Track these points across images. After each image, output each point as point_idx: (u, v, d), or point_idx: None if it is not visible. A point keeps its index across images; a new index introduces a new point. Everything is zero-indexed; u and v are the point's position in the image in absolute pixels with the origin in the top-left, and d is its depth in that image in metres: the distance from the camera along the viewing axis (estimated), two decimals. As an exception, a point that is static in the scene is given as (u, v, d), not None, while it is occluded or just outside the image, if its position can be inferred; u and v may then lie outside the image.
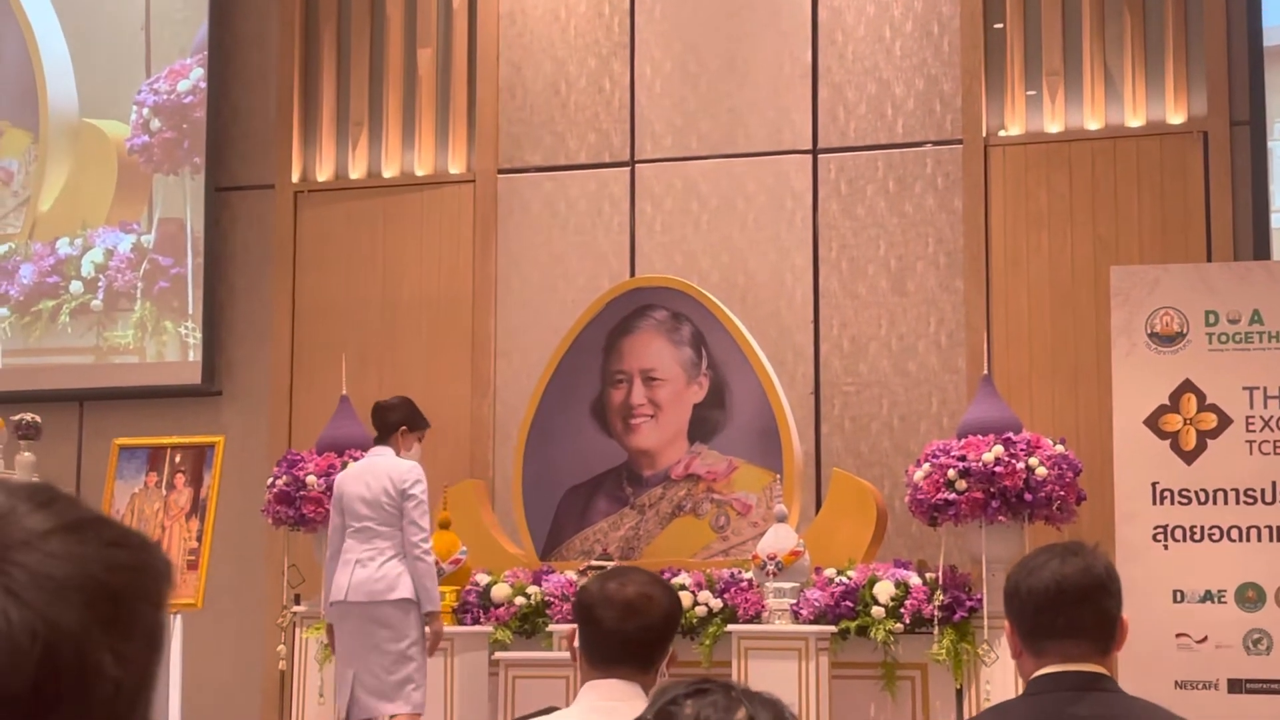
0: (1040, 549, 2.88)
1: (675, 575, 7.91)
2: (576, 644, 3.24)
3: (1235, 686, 7.34)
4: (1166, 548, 7.49)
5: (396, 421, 7.30)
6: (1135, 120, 8.81)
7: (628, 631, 3.13)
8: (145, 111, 10.21)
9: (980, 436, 7.59)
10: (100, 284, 10.18)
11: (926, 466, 7.60)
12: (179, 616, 7.73)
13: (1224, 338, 7.61)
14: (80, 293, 10.22)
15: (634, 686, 3.12)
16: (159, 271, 10.09)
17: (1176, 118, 8.74)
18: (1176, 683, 7.33)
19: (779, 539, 7.54)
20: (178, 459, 8.07)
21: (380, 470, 7.17)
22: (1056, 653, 2.75)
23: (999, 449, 7.47)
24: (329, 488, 8.23)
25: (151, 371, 10.07)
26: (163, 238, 10.12)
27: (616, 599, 3.15)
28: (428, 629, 7.13)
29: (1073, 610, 2.74)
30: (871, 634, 7.50)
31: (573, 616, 3.35)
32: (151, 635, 1.05)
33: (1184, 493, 7.51)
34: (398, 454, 7.26)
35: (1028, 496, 7.42)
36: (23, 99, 10.48)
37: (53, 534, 1.02)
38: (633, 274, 9.19)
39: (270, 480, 8.46)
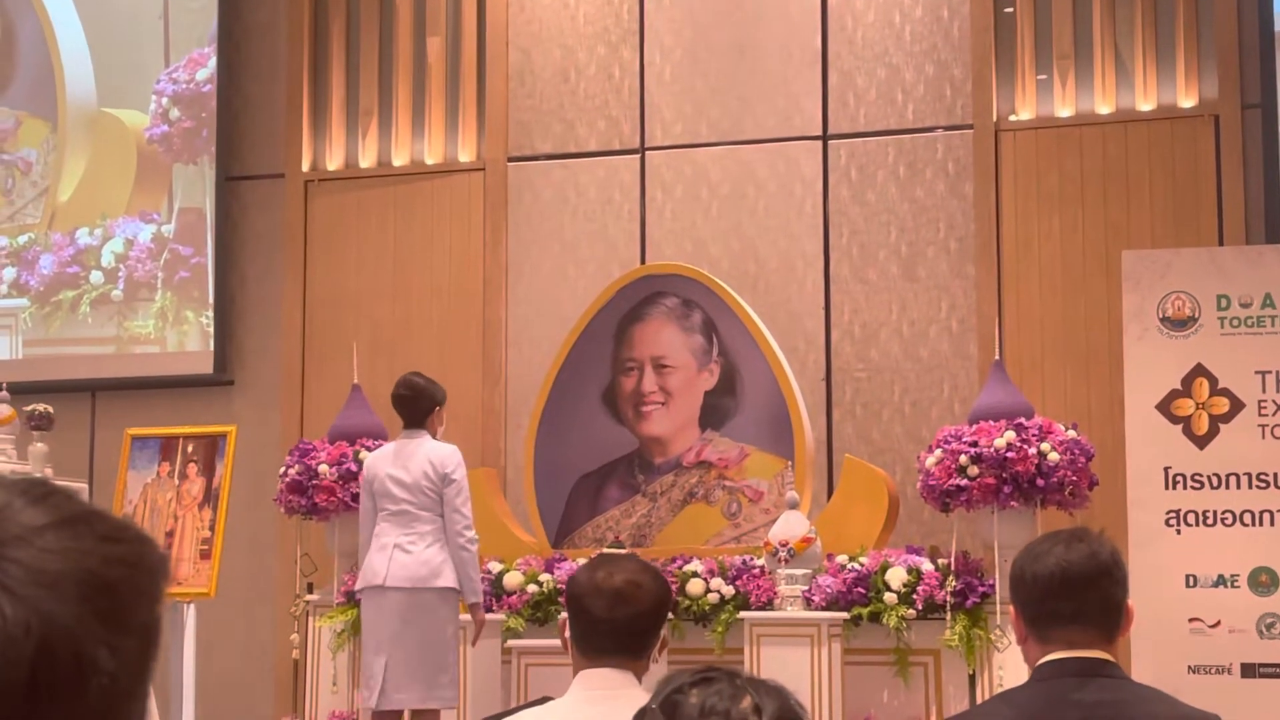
0: (1045, 535, 2.87)
1: (687, 562, 7.92)
2: (568, 634, 3.26)
3: (1249, 671, 7.33)
4: (1179, 532, 7.48)
5: (429, 405, 7.14)
6: (1146, 104, 8.79)
7: (618, 620, 3.14)
8: (165, 101, 10.20)
9: (992, 422, 7.58)
10: (120, 274, 10.18)
11: (938, 452, 7.59)
12: (192, 605, 7.75)
13: (1236, 322, 7.59)
14: (101, 283, 10.22)
15: (627, 674, 3.14)
16: (179, 261, 10.08)
17: (1187, 101, 8.72)
18: (1190, 667, 7.33)
19: (791, 526, 7.54)
20: (190, 449, 8.09)
21: (418, 453, 6.98)
22: (1061, 639, 2.75)
23: (1011, 434, 7.46)
24: (341, 477, 8.25)
25: (164, 361, 10.08)
26: (183, 227, 10.11)
27: (605, 588, 3.16)
28: (471, 619, 7.06)
29: (1078, 596, 2.74)
30: (884, 620, 7.50)
31: (564, 606, 3.36)
32: (147, 629, 1.06)
33: (1196, 477, 7.50)
34: (434, 436, 7.13)
35: (1040, 482, 7.41)
36: (40, 89, 10.48)
37: (48, 529, 1.03)
38: (643, 261, 9.19)
39: (282, 469, 8.47)
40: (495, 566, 8.26)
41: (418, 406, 7.14)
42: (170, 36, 10.26)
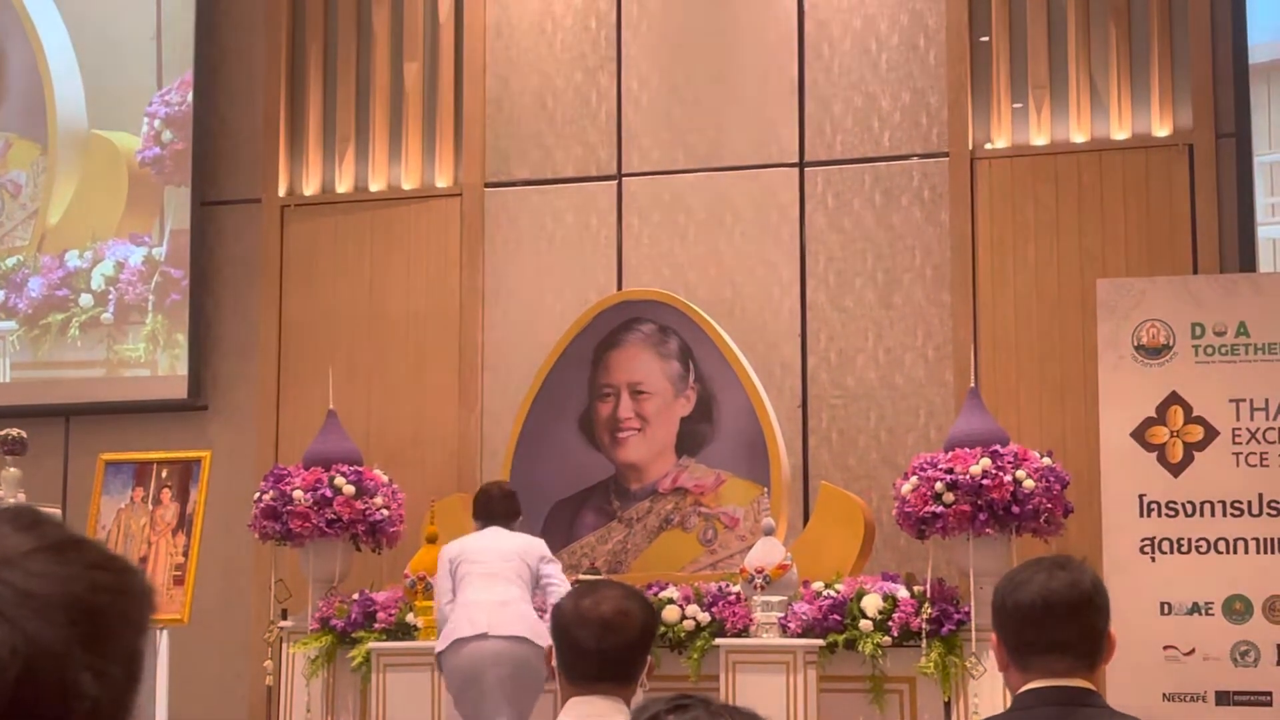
0: (1027, 563, 2.87)
1: (663, 588, 7.90)
2: (555, 662, 3.25)
3: (1223, 699, 7.35)
4: (1154, 560, 7.50)
5: (517, 511, 7.39)
6: (1121, 133, 8.83)
7: (607, 650, 3.14)
8: (157, 123, 10.14)
9: (967, 449, 7.59)
10: (110, 297, 10.09)
11: (914, 479, 7.60)
12: (165, 632, 7.71)
13: (1210, 350, 7.62)
14: (90, 306, 10.14)
15: (616, 701, 3.14)
16: (170, 284, 10.01)
17: (1162, 130, 8.77)
18: (1164, 695, 7.34)
19: (766, 552, 7.53)
20: (164, 474, 8.05)
21: (508, 541, 7.15)
22: (1042, 667, 2.75)
23: (986, 462, 7.48)
24: (316, 503, 8.22)
25: (139, 386, 10.02)
26: (174, 250, 10.03)
27: (593, 618, 3.15)
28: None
29: (1059, 625, 2.74)
30: (859, 647, 7.49)
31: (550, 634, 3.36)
32: (131, 656, 1.05)
33: (1171, 505, 7.52)
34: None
35: (1015, 509, 7.42)
36: (31, 111, 10.41)
37: (37, 554, 1.03)
38: (620, 287, 9.19)
39: (257, 495, 8.45)
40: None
41: (508, 505, 7.36)
42: (163, 58, 10.20)
